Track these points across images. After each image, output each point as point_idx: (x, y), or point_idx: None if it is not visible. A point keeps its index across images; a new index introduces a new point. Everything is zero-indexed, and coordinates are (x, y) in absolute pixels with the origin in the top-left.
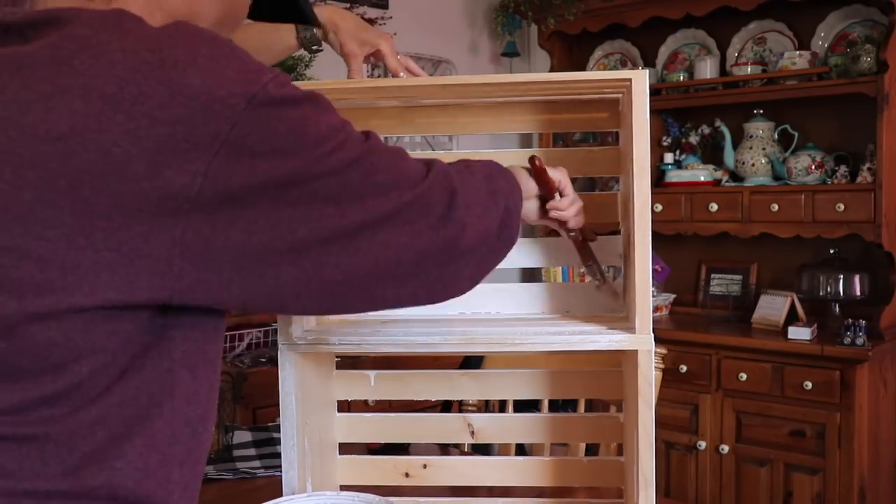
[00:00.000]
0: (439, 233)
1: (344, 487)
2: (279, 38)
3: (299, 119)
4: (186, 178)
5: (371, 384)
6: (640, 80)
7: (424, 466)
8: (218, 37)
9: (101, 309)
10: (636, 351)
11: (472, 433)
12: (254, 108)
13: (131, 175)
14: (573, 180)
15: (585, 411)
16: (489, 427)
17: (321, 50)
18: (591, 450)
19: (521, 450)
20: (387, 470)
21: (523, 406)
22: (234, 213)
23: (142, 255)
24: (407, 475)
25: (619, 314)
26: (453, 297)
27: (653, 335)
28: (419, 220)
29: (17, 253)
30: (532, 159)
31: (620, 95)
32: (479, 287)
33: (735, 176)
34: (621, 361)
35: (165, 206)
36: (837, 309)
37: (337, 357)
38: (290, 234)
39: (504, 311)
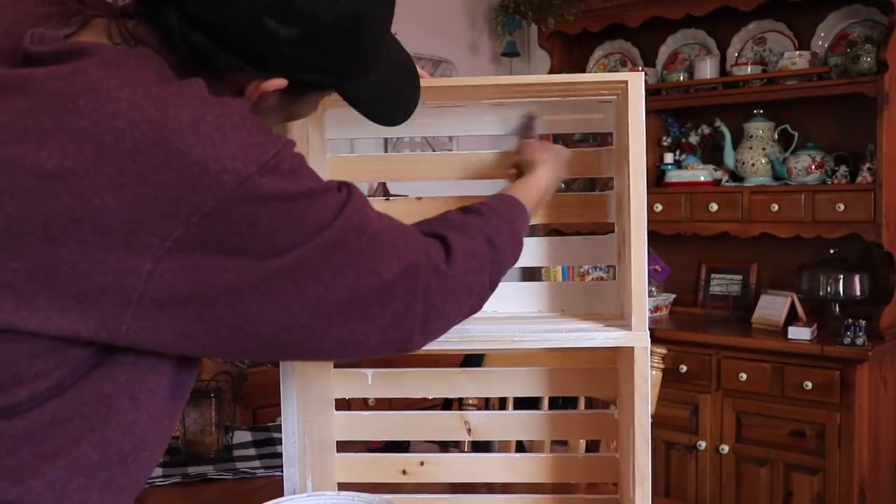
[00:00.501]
0: (398, 331)
1: (342, 485)
2: None
3: (287, 210)
4: (155, 240)
5: (368, 382)
6: (637, 82)
7: (422, 464)
8: (229, 104)
9: (46, 339)
10: (632, 348)
11: (469, 430)
12: (244, 190)
13: (105, 227)
14: (573, 180)
15: (585, 409)
16: (486, 425)
17: None
18: (592, 447)
19: (522, 448)
20: (384, 468)
21: (524, 404)
22: (191, 291)
23: (96, 306)
24: (404, 472)
25: (615, 313)
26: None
27: (648, 332)
28: (377, 316)
29: None
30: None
31: (615, 98)
32: None
33: (735, 176)
34: (616, 359)
35: (129, 266)
36: (837, 309)
37: None
38: (243, 321)
39: (503, 309)
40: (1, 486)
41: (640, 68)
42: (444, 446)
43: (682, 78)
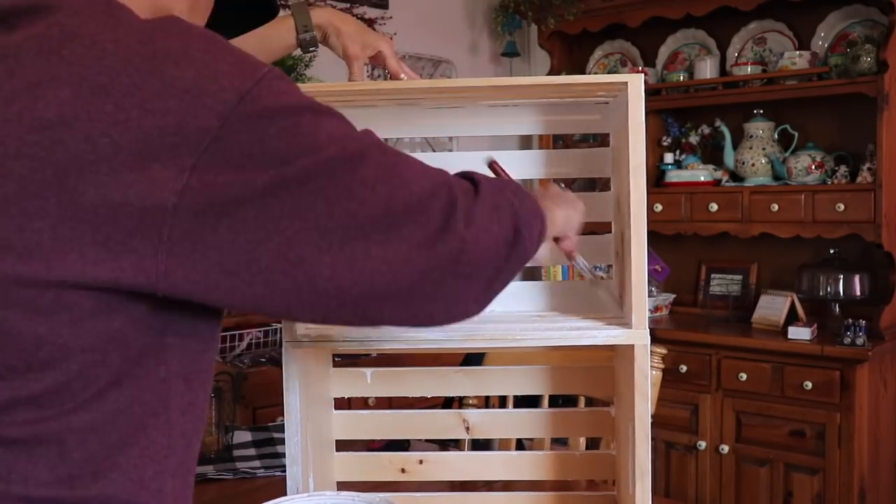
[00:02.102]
0: (438, 248)
1: (341, 484)
2: (278, 36)
3: (294, 124)
4: (172, 172)
5: (367, 381)
6: (637, 84)
7: (420, 462)
8: (211, 33)
9: (86, 293)
10: (631, 346)
11: (468, 429)
12: (245, 105)
13: (118, 166)
14: (572, 181)
15: (585, 407)
16: (484, 423)
17: (317, 51)
18: (592, 445)
19: (522, 446)
20: (383, 466)
21: (524, 403)
22: (220, 214)
23: (128, 249)
24: (403, 471)
25: (615, 311)
26: (458, 320)
27: (648, 330)
28: (416, 232)
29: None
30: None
31: (611, 99)
32: None
33: (735, 176)
34: (612, 358)
35: (152, 202)
36: (837, 309)
37: (337, 356)
38: (280, 242)
39: (503, 308)
40: (80, 482)
41: (640, 68)
42: (445, 445)
43: (682, 78)
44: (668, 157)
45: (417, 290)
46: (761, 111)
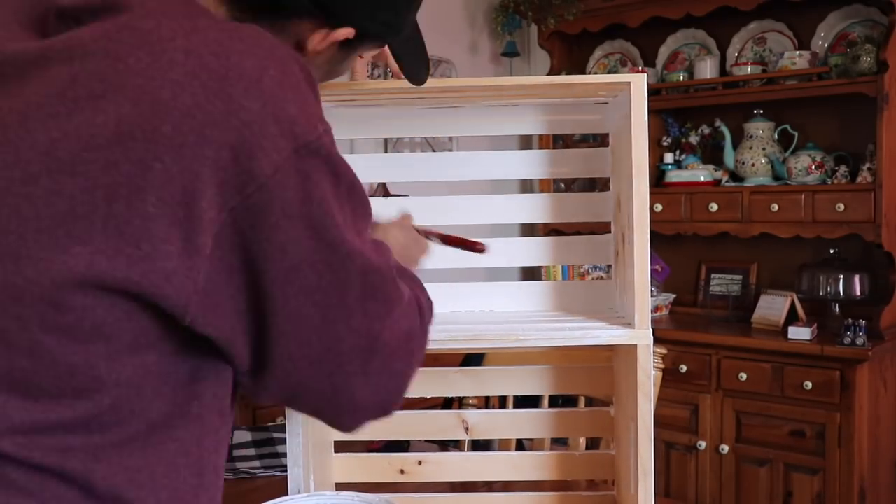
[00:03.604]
0: (376, 395)
1: (340, 485)
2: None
3: (329, 200)
4: (214, 212)
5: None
6: (639, 84)
7: (419, 463)
8: (290, 59)
9: (121, 314)
10: (633, 346)
11: (467, 430)
12: (300, 158)
13: (167, 198)
14: (572, 181)
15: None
16: (483, 423)
17: None
18: (592, 445)
19: (522, 447)
20: (382, 467)
21: (524, 403)
22: (239, 266)
23: (162, 295)
24: (402, 472)
25: (616, 311)
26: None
27: (651, 330)
28: (372, 375)
29: (39, 266)
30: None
31: (611, 99)
32: (479, 286)
33: (735, 176)
34: (611, 358)
35: (193, 243)
36: (837, 309)
37: None
38: (266, 323)
39: (504, 308)
40: None
41: (641, 68)
42: (444, 446)
43: (682, 78)
44: (668, 157)
45: (362, 408)
46: (761, 111)
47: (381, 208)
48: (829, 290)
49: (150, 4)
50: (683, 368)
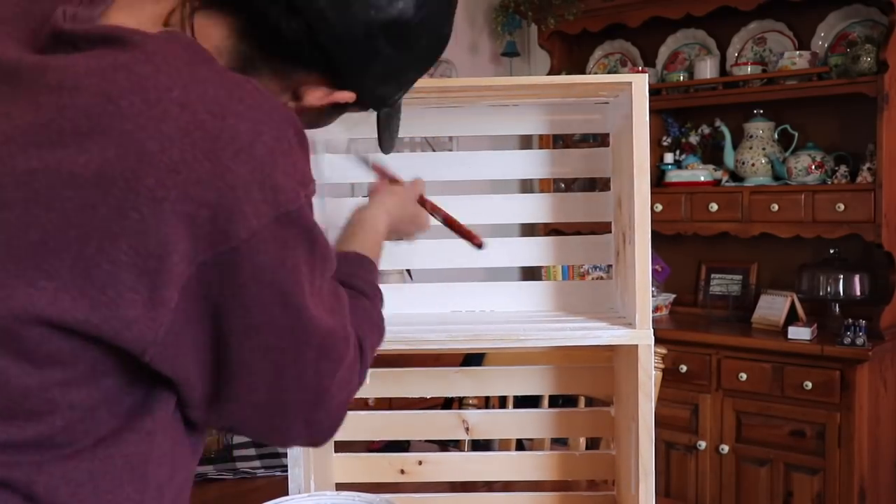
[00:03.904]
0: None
1: (340, 485)
2: None
3: (300, 269)
4: (184, 266)
5: (367, 382)
6: (640, 84)
7: (420, 463)
8: (286, 123)
9: (78, 345)
10: (633, 346)
11: (467, 430)
12: (279, 226)
13: (140, 248)
14: (572, 181)
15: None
16: (483, 423)
17: None
18: (592, 445)
19: (522, 447)
20: (382, 467)
21: (524, 403)
22: (203, 317)
23: (120, 339)
24: (402, 472)
25: (616, 312)
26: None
27: (652, 330)
28: (309, 422)
29: (3, 293)
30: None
31: (611, 99)
32: (479, 286)
33: (735, 176)
34: (611, 358)
35: (160, 295)
36: (837, 309)
37: None
38: (243, 364)
39: (504, 308)
40: None
41: (641, 68)
42: (444, 446)
43: (682, 78)
44: (668, 157)
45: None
46: (761, 111)
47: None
48: (829, 290)
49: (152, 46)
50: (683, 368)
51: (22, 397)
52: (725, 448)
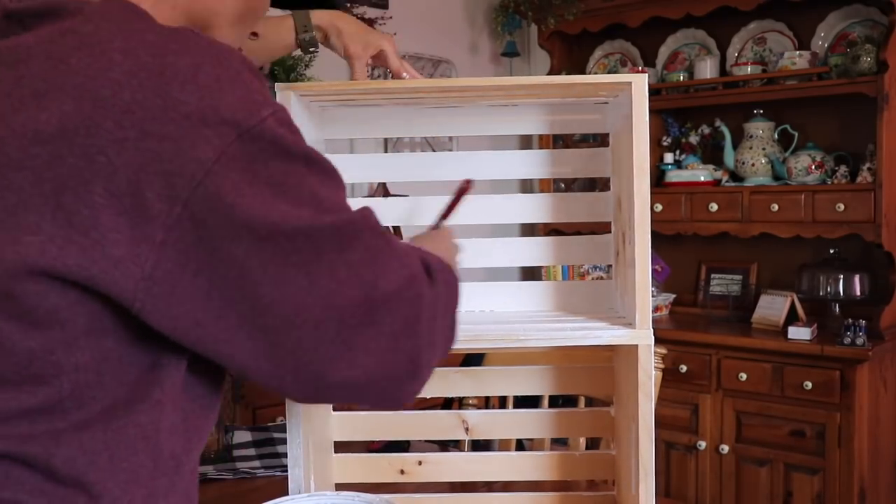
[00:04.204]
0: (401, 345)
1: (340, 486)
2: (278, 37)
3: (284, 173)
4: (164, 204)
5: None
6: (640, 84)
7: (420, 463)
8: (227, 55)
9: (73, 296)
10: (633, 346)
11: (467, 430)
12: (243, 144)
13: (114, 189)
14: (572, 181)
15: (585, 407)
16: (483, 423)
17: (317, 52)
18: (592, 445)
19: (522, 447)
20: (382, 467)
21: (524, 404)
22: (202, 262)
23: (110, 280)
24: (402, 472)
25: (616, 312)
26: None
27: (652, 330)
28: (379, 326)
29: None
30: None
31: (611, 99)
32: (479, 286)
33: (735, 176)
34: (612, 358)
35: (141, 232)
36: (837, 309)
37: None
38: (253, 307)
39: (504, 308)
40: (70, 496)
41: (641, 68)
42: (444, 446)
43: (682, 78)
44: (668, 157)
45: (375, 384)
46: (761, 111)
47: (384, 208)
48: (829, 290)
49: (91, 10)
50: (683, 368)
51: (27, 361)
52: (725, 448)
